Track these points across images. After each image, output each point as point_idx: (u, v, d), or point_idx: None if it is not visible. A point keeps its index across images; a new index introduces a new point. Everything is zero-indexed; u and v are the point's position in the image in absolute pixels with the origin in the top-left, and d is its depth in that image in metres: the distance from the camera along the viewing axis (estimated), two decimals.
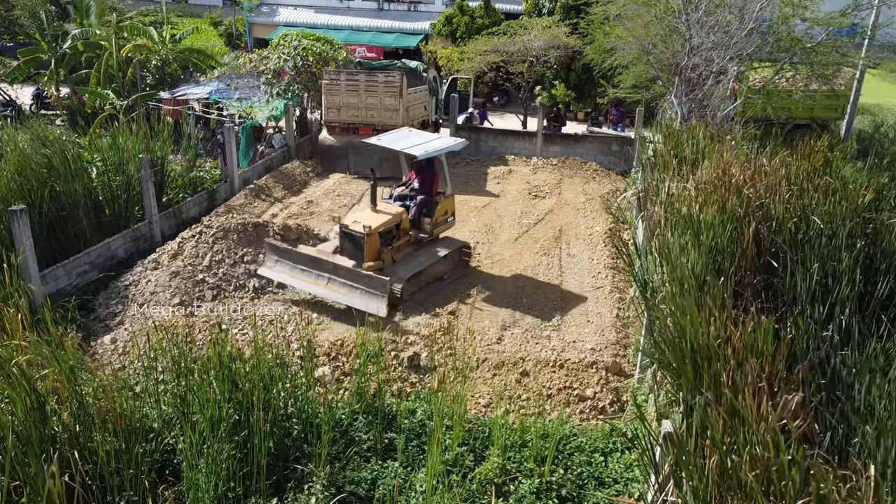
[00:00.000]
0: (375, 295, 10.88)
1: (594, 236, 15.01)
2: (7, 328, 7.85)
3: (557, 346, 10.46)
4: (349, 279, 11.12)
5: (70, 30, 23.21)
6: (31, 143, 12.64)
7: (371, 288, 10.92)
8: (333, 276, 11.25)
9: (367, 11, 33.47)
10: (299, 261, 11.52)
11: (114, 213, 13.25)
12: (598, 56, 19.95)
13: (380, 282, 10.84)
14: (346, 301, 11.10)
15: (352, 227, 11.56)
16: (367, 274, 11.07)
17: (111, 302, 11.31)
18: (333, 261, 11.35)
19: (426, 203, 12.66)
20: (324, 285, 11.31)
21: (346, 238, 11.64)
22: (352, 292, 11.08)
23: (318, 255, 11.49)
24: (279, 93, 19.72)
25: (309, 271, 11.43)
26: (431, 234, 12.77)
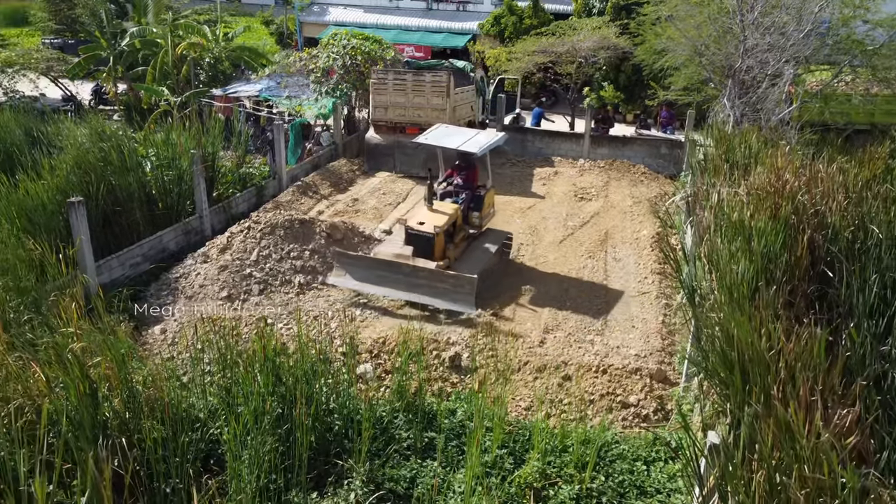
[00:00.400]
0: (462, 293, 10.98)
1: (641, 240, 14.78)
2: (63, 316, 8.13)
3: (601, 351, 10.32)
4: (432, 280, 11.16)
5: (128, 28, 23.93)
6: (90, 137, 13.04)
7: (457, 286, 11.03)
8: (414, 278, 11.24)
9: (416, 11, 33.60)
10: (373, 267, 11.51)
11: (166, 206, 13.59)
12: (649, 57, 19.63)
13: (467, 280, 11.01)
14: (430, 301, 11.16)
15: (419, 228, 11.66)
16: (453, 273, 11.23)
17: (162, 293, 11.61)
18: (414, 263, 11.35)
19: (473, 198, 12.83)
20: (404, 288, 11.29)
21: (414, 239, 11.67)
22: (436, 292, 11.13)
23: (396, 260, 11.48)
24: (328, 91, 19.95)
25: (385, 276, 11.39)
26: (480, 227, 12.95)
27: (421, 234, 11.61)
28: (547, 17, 28.76)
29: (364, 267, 11.58)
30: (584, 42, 22.03)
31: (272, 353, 7.77)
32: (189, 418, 7.51)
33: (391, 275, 11.37)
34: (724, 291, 6.79)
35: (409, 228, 11.81)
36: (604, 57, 22.64)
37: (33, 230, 10.73)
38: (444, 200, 12.60)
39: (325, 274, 12.09)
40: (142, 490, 6.71)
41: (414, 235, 11.69)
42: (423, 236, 11.58)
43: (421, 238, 11.60)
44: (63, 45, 30.56)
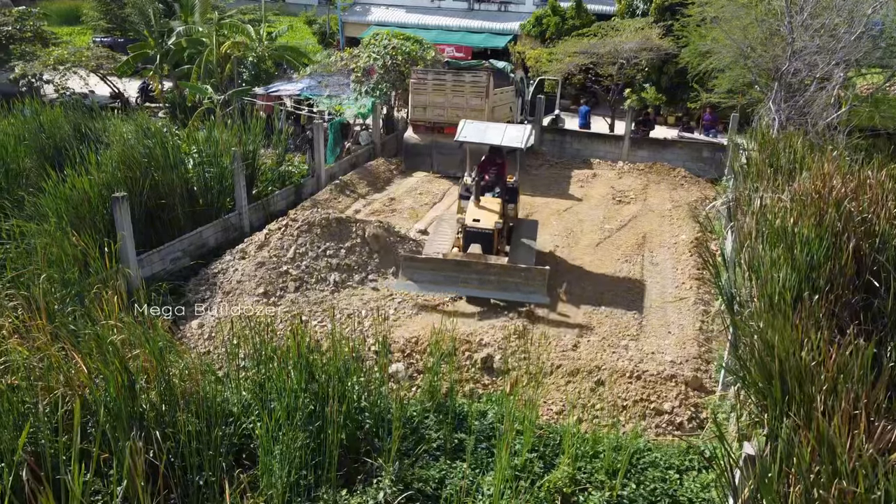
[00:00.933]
0: (535, 285, 11.40)
1: (679, 245, 14.52)
2: (105, 308, 8.33)
3: (635, 357, 10.17)
4: (504, 275, 11.53)
5: (175, 27, 24.41)
6: (135, 133, 13.35)
7: (529, 279, 11.42)
8: (485, 275, 11.58)
9: (457, 11, 33.61)
10: (441, 268, 11.77)
11: (206, 202, 13.82)
12: (693, 59, 19.28)
13: (538, 272, 11.43)
14: (503, 297, 11.53)
15: (477, 225, 12.09)
16: (524, 267, 11.59)
17: (200, 288, 11.81)
18: (486, 261, 11.73)
19: (507, 191, 13.26)
20: (475, 286, 11.61)
21: (473, 236, 12.07)
22: (507, 287, 11.51)
23: (467, 259, 11.83)
24: (367, 91, 20.07)
25: (454, 276, 11.66)
26: (515, 217, 13.53)
27: (480, 230, 12.04)
28: (590, 18, 28.45)
29: (432, 269, 11.78)
30: (626, 43, 21.73)
31: (305, 350, 7.84)
32: (223, 412, 7.62)
33: (461, 274, 11.65)
34: (765, 299, 6.62)
35: (468, 227, 12.16)
36: (646, 58, 22.31)
37: (79, 224, 11.02)
38: (483, 195, 12.92)
39: (360, 272, 12.16)
40: (175, 482, 6.82)
41: (473, 233, 12.07)
42: (482, 233, 12.03)
43: (480, 234, 12.04)
44: (112, 44, 31.35)
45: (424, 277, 11.71)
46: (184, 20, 25.05)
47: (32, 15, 25.88)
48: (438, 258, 12.03)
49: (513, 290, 11.47)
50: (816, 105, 13.45)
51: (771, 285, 6.71)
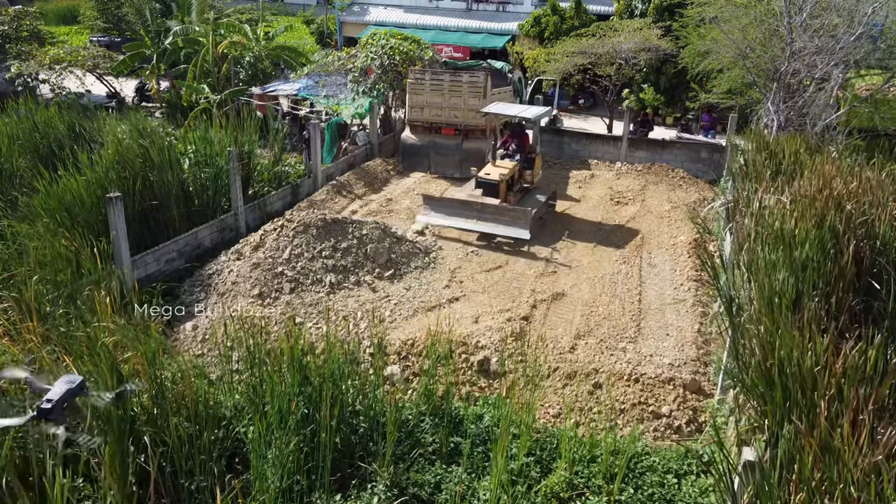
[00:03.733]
0: (519, 222, 14.01)
1: (678, 246, 14.44)
2: (97, 310, 8.23)
3: (633, 359, 10.08)
4: (497, 213, 14.22)
5: (172, 26, 24.29)
6: (130, 133, 13.24)
7: (515, 217, 14.07)
8: (482, 213, 14.30)
9: (456, 11, 33.53)
10: (451, 205, 14.56)
11: (202, 203, 13.73)
12: (692, 59, 19.20)
13: (522, 212, 14.14)
14: (494, 230, 14.17)
15: (486, 177, 14.85)
16: (511, 207, 14.34)
17: (195, 289, 11.71)
18: (482, 201, 14.47)
19: (526, 159, 15.87)
20: (474, 221, 14.30)
21: (483, 186, 14.84)
22: (499, 222, 14.15)
23: (468, 199, 14.57)
24: (365, 91, 19.98)
25: (460, 212, 14.40)
26: (532, 183, 16.00)
27: (488, 181, 14.78)
28: (589, 18, 28.38)
29: (445, 206, 14.65)
30: (625, 44, 21.64)
31: (299, 352, 7.74)
32: (215, 416, 7.53)
33: (465, 210, 14.43)
34: (764, 302, 6.53)
35: (479, 178, 14.96)
36: (644, 59, 22.22)
37: (73, 225, 10.92)
38: (504, 160, 15.67)
39: (356, 273, 12.07)
40: (166, 487, 6.73)
41: (483, 183, 14.87)
42: (489, 182, 14.77)
43: (488, 184, 14.79)
44: (109, 43, 31.23)
45: (440, 211, 14.59)
46: (180, 20, 24.94)
47: (29, 14, 25.74)
48: (449, 198, 14.92)
49: (503, 224, 14.12)
50: (815, 106, 13.36)
51: (770, 287, 6.62)
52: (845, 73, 14.44)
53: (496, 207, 14.29)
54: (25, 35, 25.14)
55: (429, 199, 14.90)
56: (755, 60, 15.15)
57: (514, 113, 15.65)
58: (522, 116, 15.52)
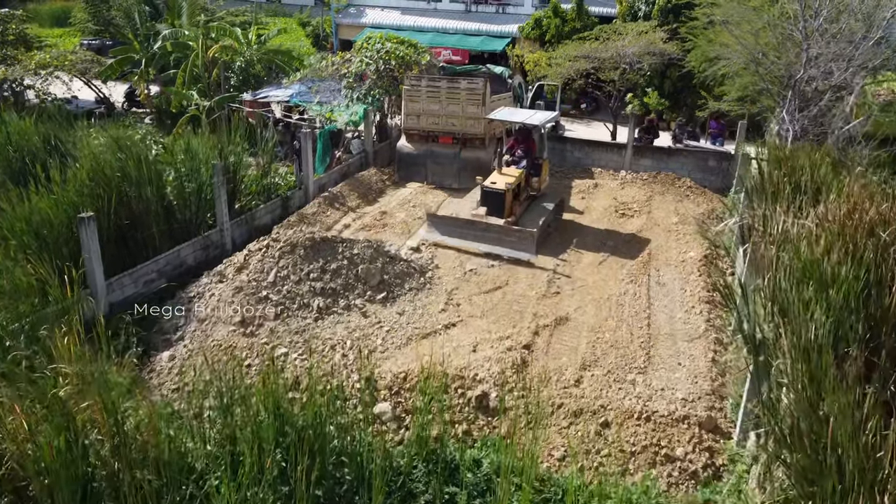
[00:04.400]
0: (525, 243, 13.50)
1: (687, 263, 13.68)
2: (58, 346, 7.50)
3: (643, 394, 9.33)
4: (501, 234, 13.74)
5: (161, 30, 23.54)
6: (109, 146, 12.49)
7: (521, 238, 13.58)
8: (486, 232, 13.82)
9: (454, 13, 32.74)
10: (456, 224, 14.11)
11: (185, 219, 12.99)
12: (700, 64, 18.43)
13: (527, 234, 13.61)
14: (498, 251, 13.58)
15: (492, 186, 14.29)
16: (517, 228, 13.81)
17: (175, 314, 10.96)
18: (487, 221, 13.96)
19: (532, 165, 15.38)
20: (479, 241, 13.78)
21: (488, 195, 14.30)
22: (504, 244, 13.64)
23: (473, 219, 14.08)
24: (359, 97, 19.21)
25: (465, 231, 13.94)
26: (539, 190, 15.59)
27: (494, 190, 14.20)
28: (591, 20, 27.59)
29: (449, 225, 14.17)
30: (629, 48, 20.86)
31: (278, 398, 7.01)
32: (184, 468, 6.79)
33: (469, 230, 13.96)
34: (798, 350, 5.77)
35: (484, 186, 14.36)
36: (649, 63, 21.44)
37: (40, 248, 10.17)
38: (509, 167, 15.08)
39: (346, 297, 11.33)
40: None
41: (488, 192, 14.28)
42: (495, 192, 14.19)
43: (493, 193, 14.22)
44: (101, 47, 30.47)
45: (444, 229, 14.13)
46: (170, 23, 24.19)
47: (15, 17, 24.98)
48: (452, 216, 14.31)
49: (508, 245, 13.61)
50: (835, 116, 12.59)
51: (805, 334, 5.86)
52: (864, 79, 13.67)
53: (501, 228, 13.80)
54: (11, 39, 24.38)
55: (433, 218, 14.41)
56: (768, 66, 14.37)
57: (520, 119, 15.13)
58: (529, 123, 14.98)
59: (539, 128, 15.26)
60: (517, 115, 15.75)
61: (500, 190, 14.14)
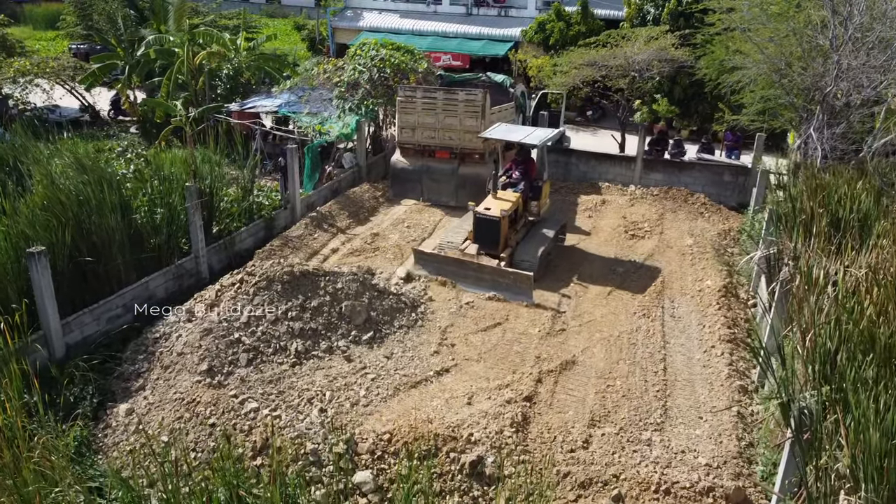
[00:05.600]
0: (521, 287, 12.01)
1: (704, 293, 12.51)
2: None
3: (661, 458, 8.20)
4: (495, 275, 12.28)
5: (146, 35, 22.45)
6: (71, 168, 11.39)
7: (517, 281, 12.05)
8: (479, 273, 12.37)
9: (455, 17, 31.60)
10: (445, 263, 12.66)
11: (156, 246, 11.90)
12: (714, 72, 17.25)
13: (524, 277, 12.05)
14: (494, 292, 12.13)
15: (486, 213, 12.88)
16: (512, 271, 12.26)
17: (138, 357, 9.87)
18: (479, 261, 12.55)
19: (531, 188, 13.98)
20: (472, 283, 12.38)
21: (481, 223, 12.92)
22: (499, 286, 12.19)
23: (464, 258, 12.66)
24: (352, 108, 18.08)
25: (455, 271, 12.53)
26: (538, 214, 14.13)
27: (488, 217, 12.81)
28: (597, 24, 26.48)
29: (438, 263, 12.75)
30: (638, 55, 19.68)
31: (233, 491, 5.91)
32: None
33: (460, 270, 12.52)
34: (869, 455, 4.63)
35: (477, 213, 12.94)
36: (658, 69, 20.26)
37: None
38: (505, 190, 13.72)
39: (328, 338, 10.22)
40: None
41: (481, 219, 12.88)
42: (489, 219, 12.81)
43: (487, 221, 12.83)
44: (90, 51, 29.39)
45: (431, 268, 12.73)
46: (156, 28, 23.09)
47: None
48: (440, 255, 12.86)
49: (503, 289, 12.13)
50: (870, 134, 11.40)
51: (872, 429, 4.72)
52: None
53: (494, 269, 12.35)
54: None
55: (420, 256, 12.98)
56: (793, 78, 13.19)
57: (518, 139, 13.56)
58: (527, 142, 13.45)
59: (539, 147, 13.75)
60: (515, 132, 14.16)
61: (494, 217, 12.80)
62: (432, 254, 12.97)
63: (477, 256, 12.72)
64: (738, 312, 11.93)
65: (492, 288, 12.15)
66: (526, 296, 11.96)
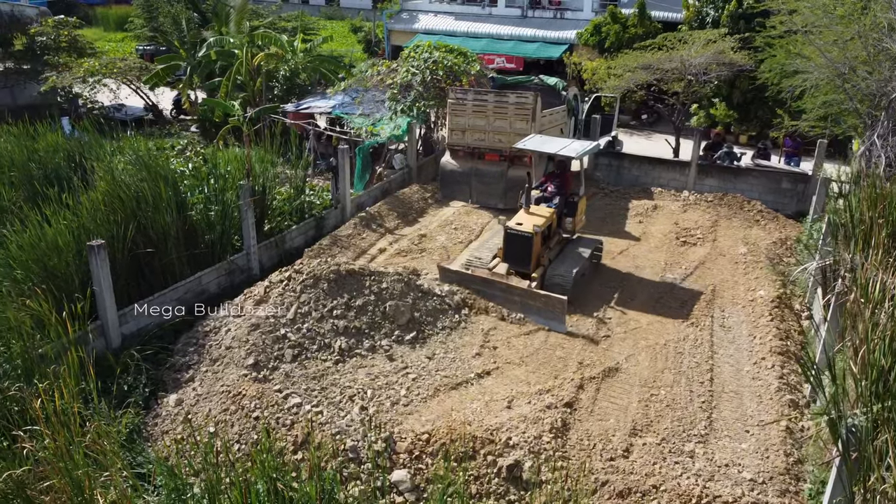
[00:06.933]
0: (553, 312, 11.24)
1: (757, 303, 12.18)
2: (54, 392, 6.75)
3: (704, 471, 8.02)
4: (525, 297, 11.57)
5: (208, 37, 23.14)
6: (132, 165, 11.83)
7: (548, 305, 11.28)
8: (508, 294, 11.71)
9: (510, 19, 31.55)
10: (472, 282, 12.05)
11: (209, 242, 12.26)
12: (774, 76, 16.75)
13: (557, 301, 11.20)
14: (524, 315, 11.50)
15: (518, 228, 12.08)
16: (544, 294, 11.43)
17: (188, 349, 10.20)
18: (508, 282, 11.90)
19: (566, 203, 13.22)
20: (500, 303, 11.74)
21: (512, 240, 12.15)
22: (529, 309, 11.51)
23: (491, 278, 12.01)
24: (403, 109, 18.24)
25: (482, 290, 11.94)
26: (573, 232, 13.39)
27: (520, 233, 12.03)
28: (654, 27, 26.04)
29: (464, 280, 12.13)
30: (695, 58, 19.26)
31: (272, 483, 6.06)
32: None
33: (488, 290, 11.89)
34: None
35: (508, 228, 12.18)
36: (716, 72, 19.78)
37: (46, 278, 9.52)
38: (539, 205, 12.98)
39: (371, 337, 10.35)
40: None
41: (512, 236, 12.10)
42: (521, 236, 12.04)
43: (519, 237, 12.05)
44: (154, 53, 30.52)
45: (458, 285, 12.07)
46: (217, 30, 23.78)
47: (68, 24, 25.04)
48: (467, 273, 12.28)
49: (534, 313, 11.47)
50: None
51: None
52: None
53: (525, 291, 11.59)
54: (64, 45, 24.41)
55: (446, 274, 12.41)
56: (857, 83, 12.70)
57: (554, 151, 12.74)
58: (563, 154, 12.64)
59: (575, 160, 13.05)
60: (550, 144, 13.22)
61: (526, 234, 11.97)
62: (459, 272, 12.39)
63: (506, 276, 12.07)
64: (791, 324, 11.57)
65: (521, 310, 11.52)
66: (558, 322, 11.21)
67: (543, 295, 11.37)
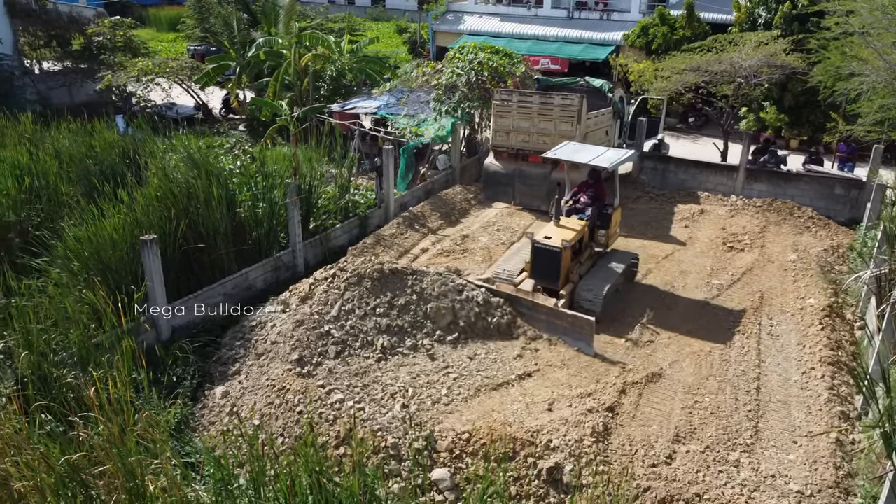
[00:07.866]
0: (581, 332, 10.67)
1: (806, 312, 11.89)
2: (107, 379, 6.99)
3: (749, 481, 7.88)
4: (552, 316, 11.02)
5: (257, 38, 23.59)
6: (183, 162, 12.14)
7: (577, 327, 10.71)
8: (534, 312, 11.17)
9: (555, 20, 31.39)
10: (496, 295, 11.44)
11: (256, 239, 12.50)
12: (828, 79, 16.31)
13: (586, 322, 10.63)
14: (549, 335, 10.98)
15: (546, 242, 11.44)
16: (571, 313, 10.86)
17: (235, 343, 10.41)
18: (534, 300, 11.24)
19: (600, 215, 12.61)
20: (525, 319, 11.24)
21: (540, 255, 11.50)
22: (556, 329, 10.96)
23: (515, 294, 11.43)
24: (448, 110, 18.31)
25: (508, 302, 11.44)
26: (606, 245, 12.84)
27: (548, 248, 11.39)
28: (703, 28, 25.62)
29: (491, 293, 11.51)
30: (746, 60, 18.88)
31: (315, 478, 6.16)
32: None
33: (514, 306, 11.33)
34: None
35: (536, 243, 11.55)
36: (768, 74, 19.35)
37: (102, 270, 9.84)
38: (570, 217, 12.36)
39: (413, 335, 10.42)
40: None
41: (540, 250, 11.47)
42: (549, 250, 11.38)
43: (547, 252, 11.39)
44: (205, 53, 31.19)
45: None
46: (266, 31, 24.22)
47: (123, 24, 25.80)
48: (493, 289, 11.56)
49: (560, 332, 10.90)
50: None
51: None
52: None
53: (551, 310, 10.99)
54: (119, 45, 25.17)
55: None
56: None
57: (586, 160, 12.14)
58: (596, 164, 12.10)
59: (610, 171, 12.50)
60: (583, 153, 12.59)
61: (555, 248, 11.26)
62: (482, 285, 11.69)
63: (532, 294, 11.33)
64: (842, 334, 11.27)
65: (547, 330, 10.95)
66: (586, 343, 10.60)
67: (570, 315, 10.82)
